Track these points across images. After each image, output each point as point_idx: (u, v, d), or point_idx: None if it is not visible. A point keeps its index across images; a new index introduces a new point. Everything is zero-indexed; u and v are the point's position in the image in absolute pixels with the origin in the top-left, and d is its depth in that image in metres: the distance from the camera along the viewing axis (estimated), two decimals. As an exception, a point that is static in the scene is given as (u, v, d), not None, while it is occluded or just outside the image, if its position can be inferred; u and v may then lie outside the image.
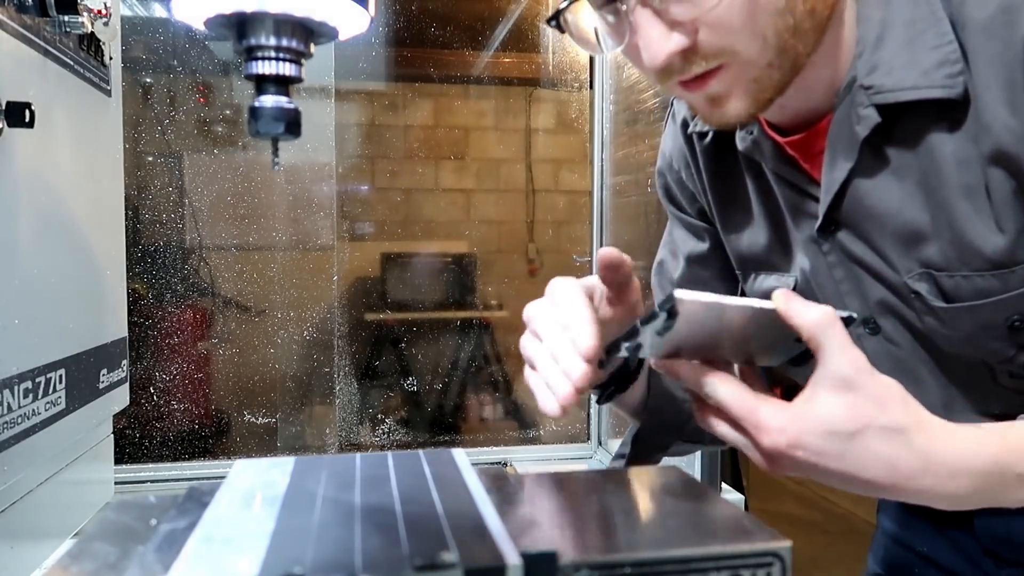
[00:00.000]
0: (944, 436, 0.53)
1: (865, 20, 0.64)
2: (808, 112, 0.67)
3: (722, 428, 0.55)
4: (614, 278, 0.66)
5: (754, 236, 0.78)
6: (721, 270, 0.86)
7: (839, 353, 0.52)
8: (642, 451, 0.82)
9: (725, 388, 0.54)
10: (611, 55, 1.80)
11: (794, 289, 0.75)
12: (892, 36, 0.63)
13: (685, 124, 0.83)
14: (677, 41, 0.58)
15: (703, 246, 0.87)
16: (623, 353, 0.54)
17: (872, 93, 0.62)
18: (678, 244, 0.91)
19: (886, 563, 0.95)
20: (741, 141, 0.73)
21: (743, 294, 0.83)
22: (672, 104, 0.87)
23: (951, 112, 0.61)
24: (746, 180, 0.77)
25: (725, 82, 0.61)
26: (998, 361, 0.66)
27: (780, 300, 0.53)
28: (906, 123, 0.63)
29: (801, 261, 0.74)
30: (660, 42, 0.59)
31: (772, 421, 0.52)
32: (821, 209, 0.68)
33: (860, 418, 0.51)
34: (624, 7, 0.59)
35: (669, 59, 0.59)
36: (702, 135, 0.80)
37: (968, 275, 0.63)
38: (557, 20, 0.64)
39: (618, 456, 0.84)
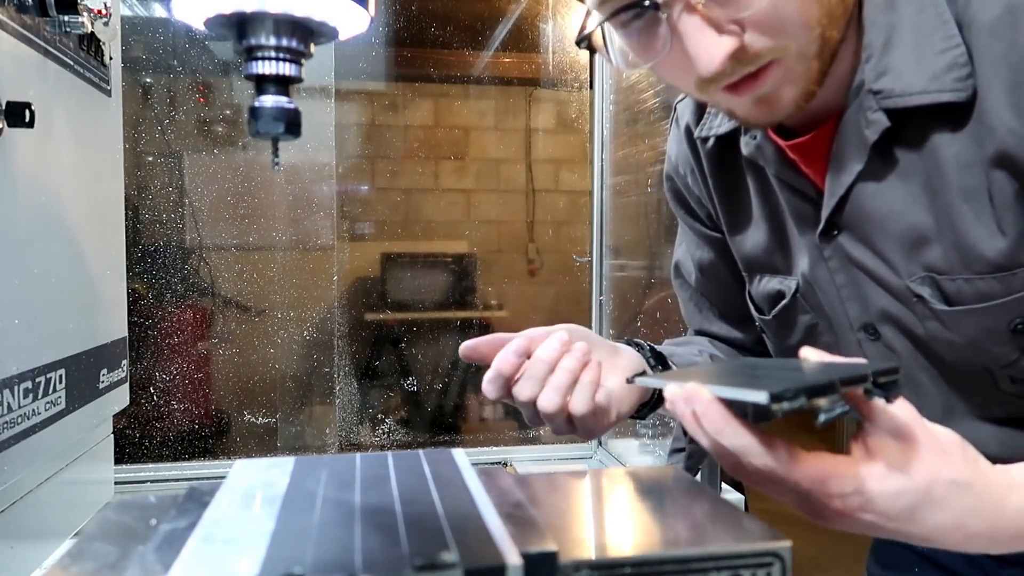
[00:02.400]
0: (1009, 496, 0.51)
1: (872, 24, 0.64)
2: (816, 110, 0.67)
3: (782, 494, 0.50)
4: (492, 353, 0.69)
5: (757, 239, 0.79)
6: (733, 275, 0.86)
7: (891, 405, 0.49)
8: (695, 452, 0.82)
9: (793, 464, 0.48)
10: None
11: (796, 293, 0.75)
12: (900, 40, 0.62)
13: (689, 129, 0.83)
14: (728, 43, 0.57)
15: (711, 255, 0.88)
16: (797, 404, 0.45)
17: (882, 98, 0.62)
18: (691, 249, 0.91)
19: (886, 563, 0.95)
20: (745, 146, 0.73)
21: (749, 296, 0.83)
22: (675, 108, 0.87)
23: (957, 114, 0.61)
24: (749, 183, 0.77)
25: (775, 79, 0.60)
26: (1000, 366, 0.66)
27: (814, 354, 0.51)
28: (913, 126, 0.63)
29: (802, 265, 0.74)
30: (713, 47, 0.57)
31: (846, 486, 0.48)
32: (824, 213, 0.68)
33: (927, 471, 0.48)
34: (664, 15, 0.58)
35: (724, 63, 0.58)
36: (705, 140, 0.80)
37: (970, 278, 0.63)
38: (588, 42, 0.64)
39: (675, 451, 0.84)
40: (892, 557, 0.94)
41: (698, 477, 1.27)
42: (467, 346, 0.70)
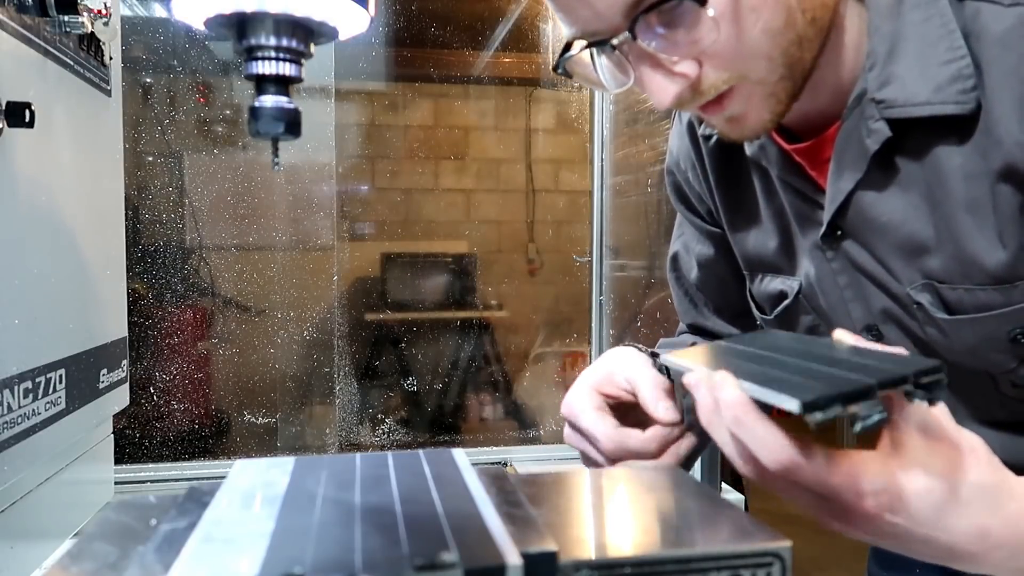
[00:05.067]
0: None
1: (876, 32, 0.63)
2: (815, 115, 0.67)
3: (800, 498, 0.48)
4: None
5: (760, 238, 0.78)
6: (732, 271, 0.86)
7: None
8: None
9: (812, 465, 0.46)
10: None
11: (798, 294, 0.75)
12: (904, 49, 0.62)
13: (691, 125, 0.83)
14: (681, 82, 0.59)
15: (710, 250, 0.88)
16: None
17: (884, 107, 0.62)
18: (690, 243, 0.91)
19: (887, 563, 0.95)
20: (748, 146, 0.73)
21: (750, 294, 0.83)
22: None
23: (961, 125, 0.60)
24: (753, 182, 0.77)
25: (741, 101, 0.61)
26: (1000, 372, 0.66)
27: (847, 341, 0.50)
28: (915, 137, 0.62)
29: (806, 266, 0.74)
30: (664, 86, 0.59)
31: (873, 483, 0.46)
32: (825, 218, 0.68)
33: (954, 468, 0.47)
34: (622, 55, 0.60)
35: (676, 99, 0.59)
36: (708, 138, 0.80)
37: (970, 288, 0.63)
38: (564, 68, 0.65)
39: None
40: (893, 558, 0.94)
41: (696, 476, 1.27)
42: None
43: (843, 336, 0.50)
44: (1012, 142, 0.58)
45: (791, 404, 0.43)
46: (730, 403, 0.47)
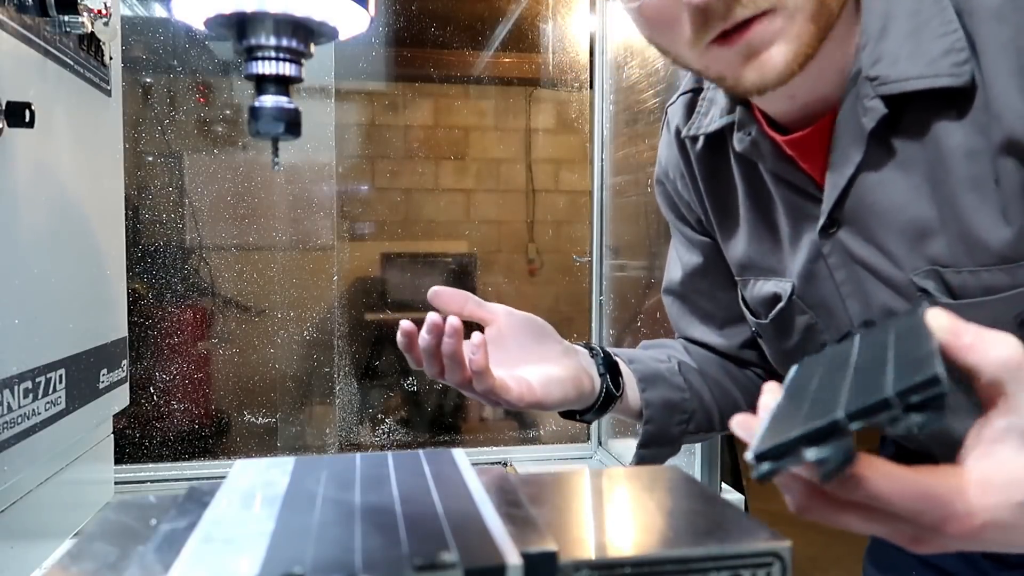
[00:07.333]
0: None
1: (868, 11, 0.63)
2: (814, 104, 0.66)
3: (873, 527, 0.43)
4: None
5: (750, 240, 0.78)
6: (721, 280, 0.86)
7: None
8: (648, 456, 0.83)
9: (887, 484, 0.40)
10: (611, 56, 1.79)
11: (791, 295, 0.75)
12: (896, 26, 0.62)
13: (679, 132, 0.83)
14: None
15: (698, 259, 0.88)
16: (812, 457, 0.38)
17: (877, 84, 0.62)
18: (680, 253, 0.91)
19: (883, 566, 0.95)
20: (739, 142, 0.73)
21: (743, 299, 0.83)
22: (666, 112, 0.87)
23: (958, 102, 0.60)
24: (742, 184, 0.77)
25: (769, 31, 0.58)
26: None
27: (944, 326, 0.43)
28: (912, 114, 0.62)
29: (799, 265, 0.73)
30: None
31: (959, 506, 0.40)
32: (824, 207, 0.68)
33: None
34: None
35: None
36: (695, 139, 0.80)
37: (975, 270, 0.62)
38: None
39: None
40: (889, 560, 0.94)
41: (696, 476, 1.27)
42: (434, 291, 0.76)
43: (938, 319, 0.43)
44: (1013, 115, 0.58)
45: (748, 454, 0.39)
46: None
